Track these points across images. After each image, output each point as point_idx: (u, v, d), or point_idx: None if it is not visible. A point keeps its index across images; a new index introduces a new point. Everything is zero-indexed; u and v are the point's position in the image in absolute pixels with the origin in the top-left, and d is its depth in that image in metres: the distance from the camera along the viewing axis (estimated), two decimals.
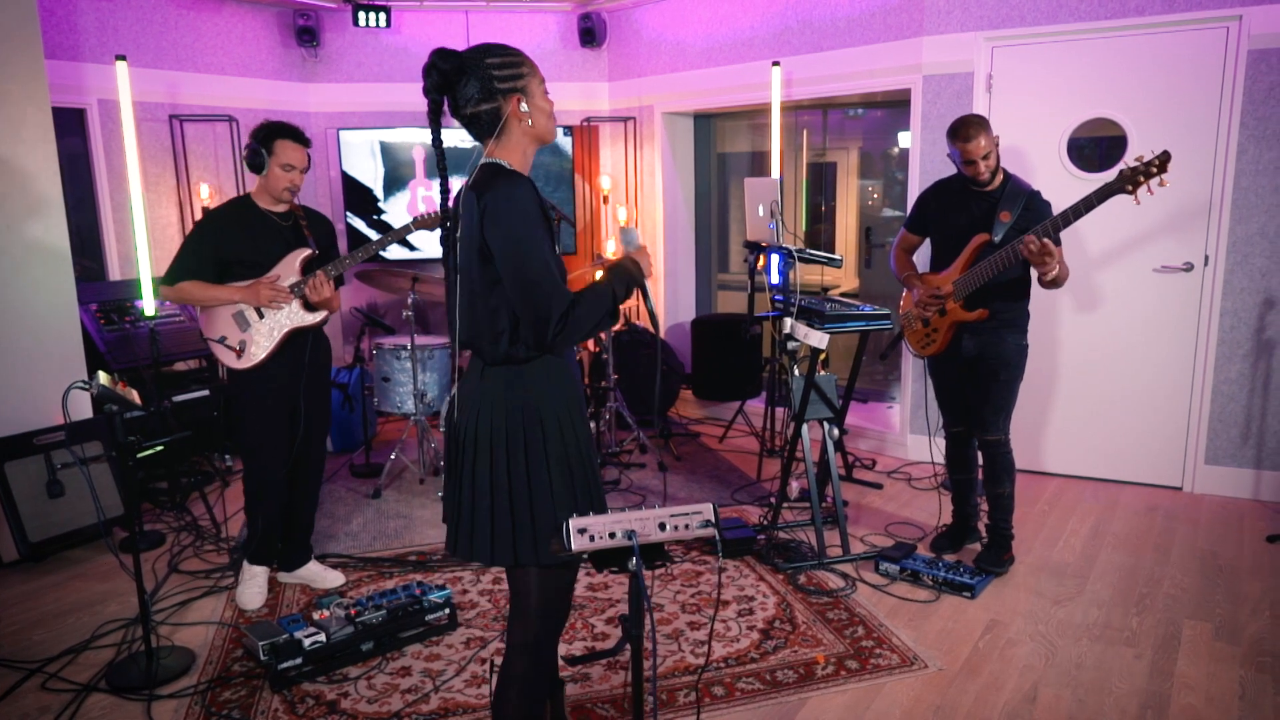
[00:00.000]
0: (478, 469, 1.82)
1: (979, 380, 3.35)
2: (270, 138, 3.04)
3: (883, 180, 6.44)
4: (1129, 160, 2.97)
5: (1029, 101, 4.24)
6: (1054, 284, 3.10)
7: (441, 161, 1.80)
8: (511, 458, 1.80)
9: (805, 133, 6.37)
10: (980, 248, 3.20)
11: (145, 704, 2.59)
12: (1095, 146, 4.26)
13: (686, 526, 1.35)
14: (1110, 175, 3.01)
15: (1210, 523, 3.83)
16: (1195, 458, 4.15)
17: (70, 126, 4.75)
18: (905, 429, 4.80)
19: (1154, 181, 2.87)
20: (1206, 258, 4.02)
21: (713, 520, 1.37)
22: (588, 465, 1.86)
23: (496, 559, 1.80)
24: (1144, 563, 3.44)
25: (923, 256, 3.57)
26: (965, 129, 3.13)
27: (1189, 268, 4.06)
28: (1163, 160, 2.85)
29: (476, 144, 1.86)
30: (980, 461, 3.44)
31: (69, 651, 2.90)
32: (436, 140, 1.79)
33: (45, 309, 3.83)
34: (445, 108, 1.82)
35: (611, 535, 1.31)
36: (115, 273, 4.88)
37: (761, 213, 3.60)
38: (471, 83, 1.77)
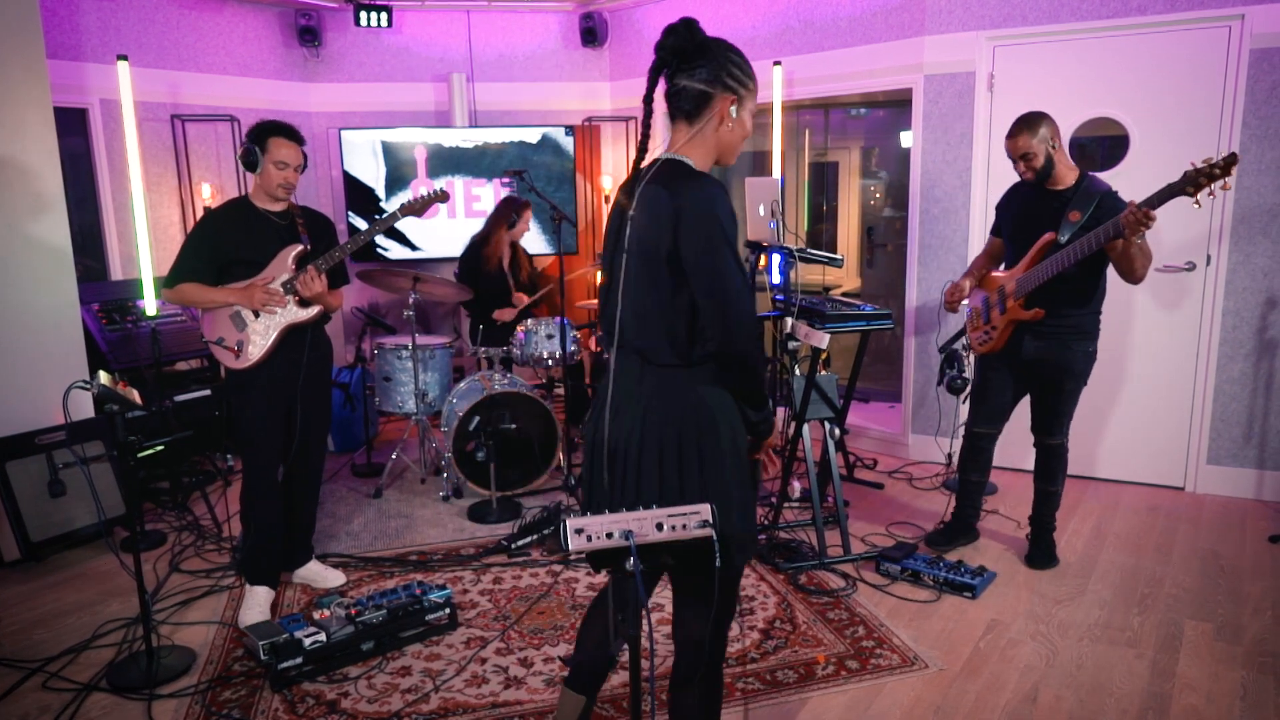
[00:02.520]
0: (647, 472, 1.75)
1: (1040, 386, 3.30)
2: (263, 135, 3.05)
3: (884, 180, 6.45)
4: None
5: (1031, 101, 4.20)
6: (1140, 255, 2.96)
7: (646, 134, 1.79)
8: (686, 458, 1.74)
9: (808, 132, 6.37)
10: (1046, 247, 3.14)
11: (146, 704, 2.59)
12: (1098, 145, 4.25)
13: (684, 527, 1.35)
14: (1113, 174, 3.01)
15: (1212, 523, 3.82)
16: (1197, 458, 4.15)
17: (72, 126, 4.76)
18: (907, 429, 4.79)
19: (1217, 184, 2.78)
20: (1209, 257, 4.01)
21: (710, 521, 1.37)
22: (749, 463, 1.85)
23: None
24: (1145, 563, 3.44)
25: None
26: (1013, 126, 3.15)
27: (1191, 267, 4.05)
28: (1227, 163, 2.75)
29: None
30: (993, 461, 3.45)
31: (70, 651, 2.90)
32: (649, 98, 1.78)
33: (47, 309, 3.83)
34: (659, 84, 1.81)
35: (609, 535, 1.30)
36: (117, 272, 4.89)
37: (762, 212, 3.60)
38: (707, 61, 1.76)
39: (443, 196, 3.42)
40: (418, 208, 3.35)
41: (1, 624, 3.11)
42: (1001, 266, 3.42)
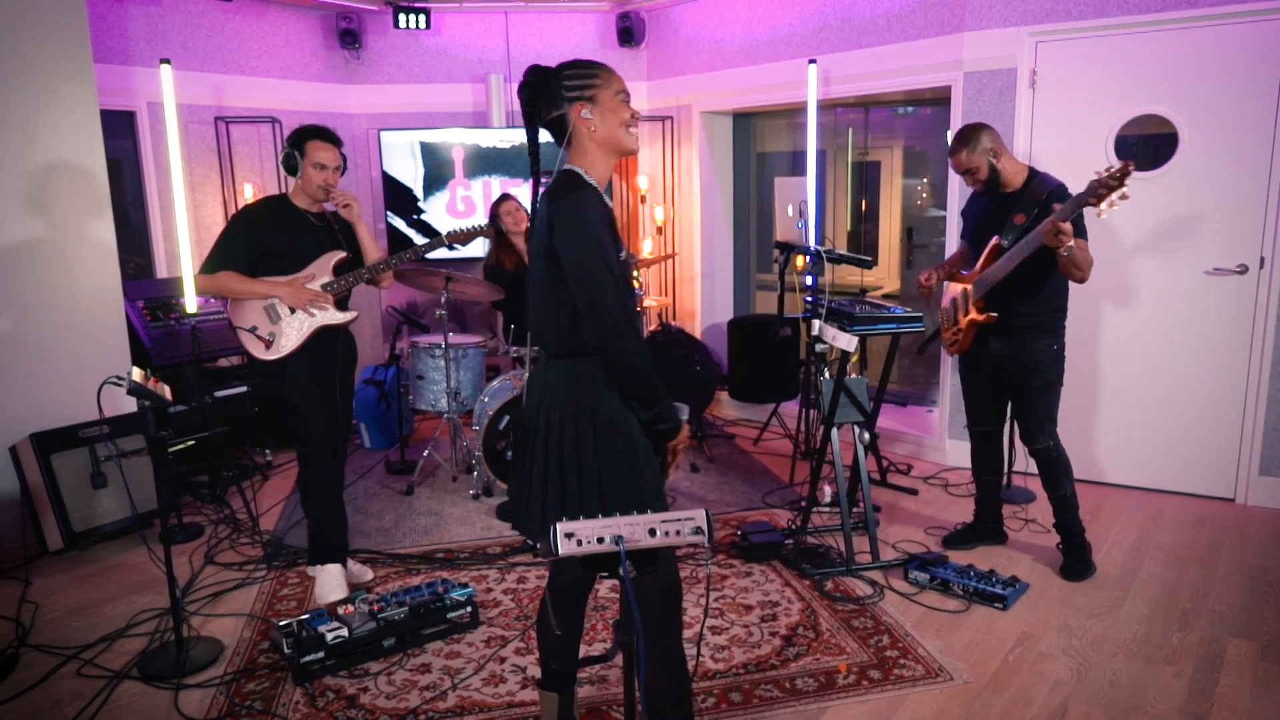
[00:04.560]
0: (537, 452, 1.96)
1: (1011, 387, 3.35)
2: (301, 139, 3.13)
3: (928, 180, 6.31)
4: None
5: (1074, 98, 4.11)
6: (1074, 265, 3.00)
7: (535, 167, 2.03)
8: (565, 443, 1.92)
9: (851, 131, 6.27)
10: (994, 251, 3.22)
11: (173, 693, 2.64)
12: (1145, 144, 4.11)
13: (678, 533, 1.33)
14: (1159, 173, 2.93)
15: (1261, 536, 3.67)
16: (1248, 468, 3.98)
17: (122, 128, 4.90)
18: (944, 434, 4.69)
19: (1116, 195, 2.83)
20: (1262, 260, 3.85)
21: (703, 528, 1.35)
22: (641, 458, 1.94)
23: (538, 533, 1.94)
24: (1189, 577, 3.31)
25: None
26: (950, 145, 3.25)
27: (1243, 270, 3.89)
28: (1121, 174, 2.82)
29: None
30: (1006, 463, 3.40)
31: (104, 639, 2.98)
32: (533, 149, 2.02)
33: (92, 306, 3.95)
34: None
35: (600, 540, 1.29)
36: (163, 270, 5.02)
37: (790, 213, 3.55)
38: (547, 91, 1.95)
39: (488, 231, 3.67)
40: (462, 237, 3.55)
41: (43, 611, 3.21)
42: (974, 267, 3.41)
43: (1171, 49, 3.88)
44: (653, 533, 1.30)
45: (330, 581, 3.23)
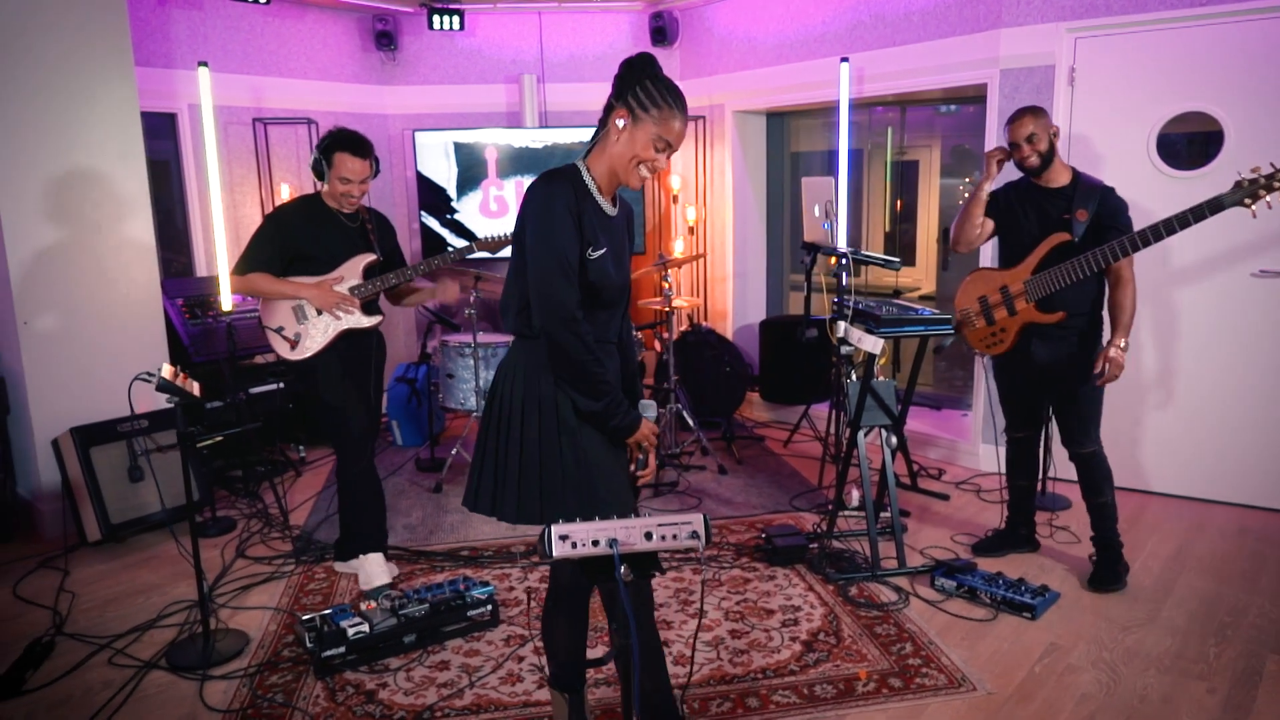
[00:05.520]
0: (491, 423, 2.06)
1: (1055, 391, 3.24)
2: (330, 150, 3.14)
3: (969, 179, 6.20)
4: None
5: (1115, 95, 4.00)
6: (1117, 299, 3.06)
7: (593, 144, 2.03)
8: (512, 417, 2.01)
9: (890, 131, 6.19)
10: (1057, 247, 3.08)
11: (199, 684, 2.70)
12: (1189, 142, 3.99)
13: (675, 537, 1.32)
14: (1204, 173, 2.84)
15: None
16: None
17: (165, 130, 5.02)
18: (977, 438, 4.60)
19: (1275, 195, 2.73)
20: None
21: (700, 532, 1.33)
22: (589, 448, 1.99)
23: (491, 511, 2.05)
24: (1229, 589, 3.20)
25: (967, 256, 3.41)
26: (1014, 113, 3.12)
27: None
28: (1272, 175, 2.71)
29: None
30: (1041, 469, 3.31)
31: (136, 629, 3.05)
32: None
33: (131, 304, 4.04)
34: None
35: (595, 543, 1.28)
36: (202, 269, 5.13)
37: (817, 213, 3.51)
38: (623, 78, 1.95)
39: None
40: (491, 245, 3.58)
41: (79, 601, 3.29)
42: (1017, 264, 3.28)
43: (1215, 44, 3.76)
44: (649, 536, 1.29)
45: (374, 569, 3.33)
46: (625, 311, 2.16)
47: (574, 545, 1.27)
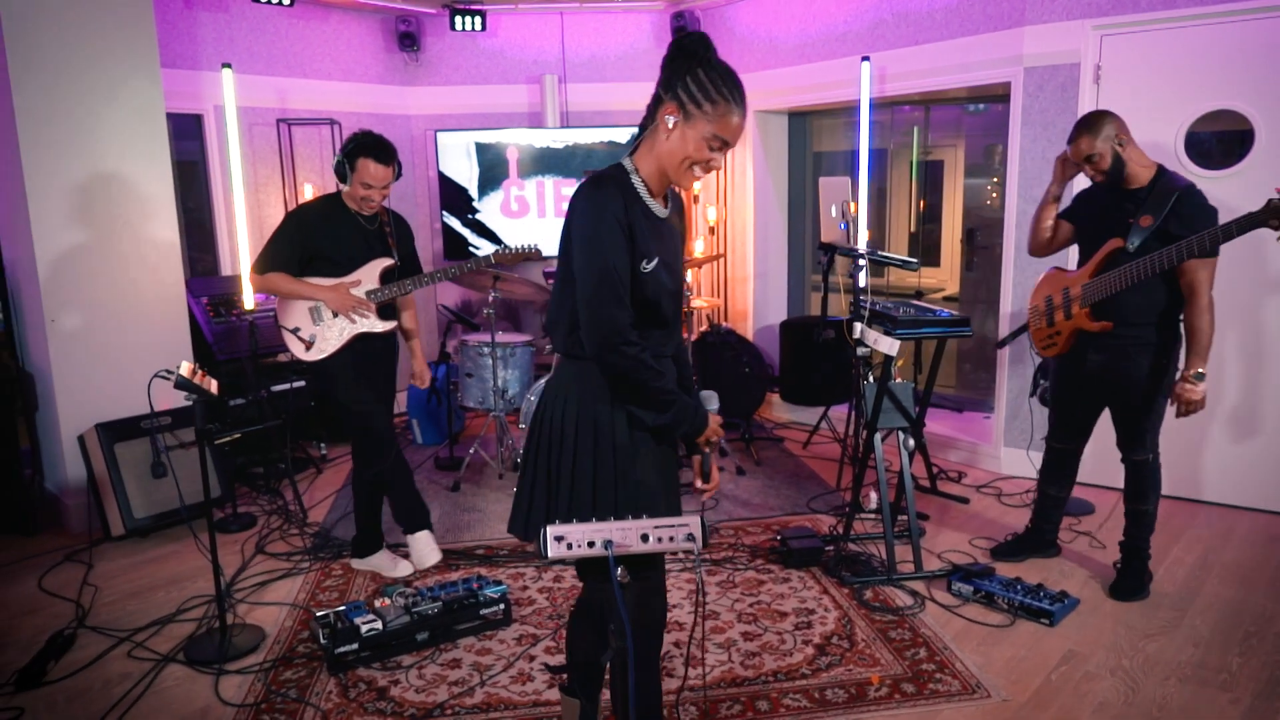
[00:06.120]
0: (534, 454, 1.93)
1: (1111, 402, 3.12)
2: (354, 154, 3.15)
3: (997, 179, 6.12)
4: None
5: (1142, 93, 3.92)
6: (1194, 309, 2.88)
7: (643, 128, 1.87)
8: (554, 437, 1.89)
9: (916, 131, 6.13)
10: (1112, 254, 2.95)
11: (214, 678, 2.73)
12: (1218, 141, 3.90)
13: (671, 539, 1.31)
14: (1234, 172, 2.75)
15: None
16: None
17: (193, 131, 5.09)
18: (999, 441, 4.54)
19: None
20: None
21: (696, 535, 1.32)
22: (621, 477, 1.84)
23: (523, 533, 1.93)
24: (1255, 598, 3.13)
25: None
26: (1072, 130, 2.99)
27: None
28: None
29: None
30: (1085, 478, 3.23)
31: (156, 623, 3.10)
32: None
33: (156, 302, 4.11)
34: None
35: (590, 544, 1.28)
36: (227, 268, 5.19)
37: (834, 214, 3.48)
38: (674, 66, 1.76)
39: (536, 255, 3.72)
40: (509, 258, 3.64)
41: (101, 594, 3.35)
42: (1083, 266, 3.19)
43: (1246, 41, 3.68)
44: (645, 538, 1.29)
45: (423, 548, 3.45)
46: (679, 327, 2.01)
47: (570, 546, 1.26)
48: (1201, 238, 2.73)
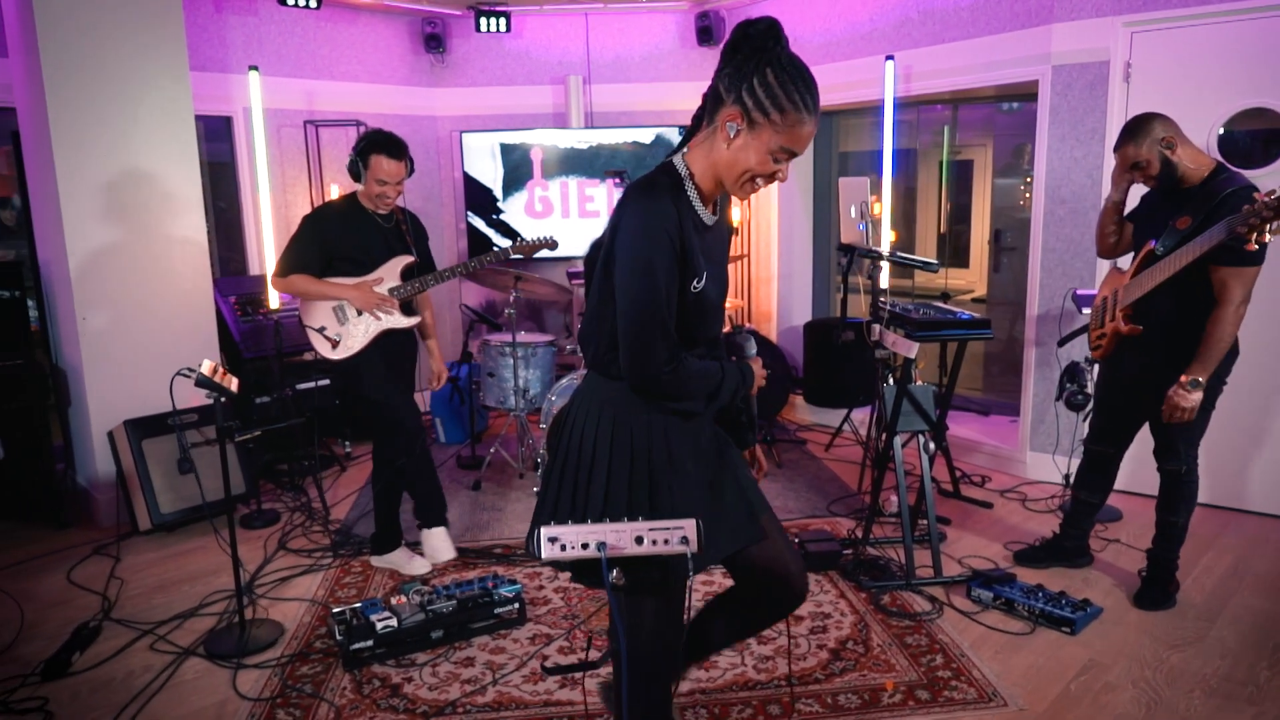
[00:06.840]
0: (558, 459, 1.82)
1: (1149, 409, 3.02)
2: (366, 151, 3.19)
3: (1026, 179, 6.03)
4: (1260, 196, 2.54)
5: (1173, 91, 3.84)
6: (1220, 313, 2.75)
7: (691, 130, 1.73)
8: (584, 455, 1.75)
9: (946, 130, 6.06)
10: (1146, 257, 2.88)
11: (233, 672, 2.77)
12: (1252, 140, 3.81)
13: (666, 542, 1.30)
14: (1269, 171, 2.66)
15: None
16: None
17: (224, 133, 5.18)
18: (1025, 445, 4.47)
19: (1272, 226, 2.46)
20: None
21: (690, 538, 1.31)
22: (658, 492, 1.71)
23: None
24: None
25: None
26: (1118, 137, 2.91)
27: None
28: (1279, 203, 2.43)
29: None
30: (1116, 483, 3.16)
31: (178, 617, 3.15)
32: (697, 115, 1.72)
33: (184, 301, 4.18)
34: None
35: (584, 546, 1.27)
36: (255, 268, 5.27)
37: (853, 214, 3.45)
38: (739, 62, 1.57)
39: (552, 244, 3.75)
40: (526, 250, 3.66)
41: (127, 587, 3.41)
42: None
43: None
44: (639, 541, 1.28)
45: (439, 543, 3.52)
46: (720, 334, 1.89)
47: (563, 548, 1.26)
48: (1210, 235, 2.63)
